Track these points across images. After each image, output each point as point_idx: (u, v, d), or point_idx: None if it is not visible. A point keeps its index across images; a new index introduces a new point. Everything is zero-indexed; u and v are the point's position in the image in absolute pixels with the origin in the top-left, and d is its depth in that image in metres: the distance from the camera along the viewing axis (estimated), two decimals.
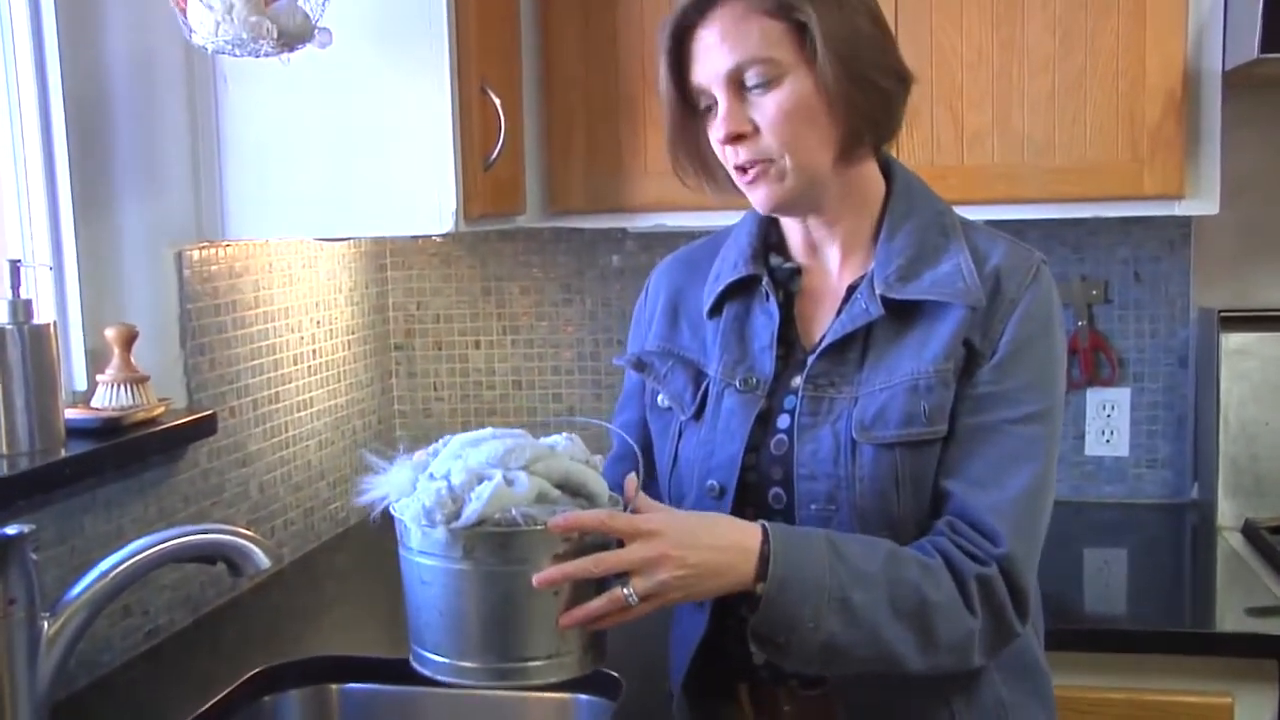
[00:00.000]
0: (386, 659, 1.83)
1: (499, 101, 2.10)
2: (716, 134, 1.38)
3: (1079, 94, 2.20)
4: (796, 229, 1.48)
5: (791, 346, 1.45)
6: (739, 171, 1.39)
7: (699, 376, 1.48)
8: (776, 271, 1.48)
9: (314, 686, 1.85)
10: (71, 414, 1.76)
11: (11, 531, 1.40)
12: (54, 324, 1.70)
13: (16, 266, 1.65)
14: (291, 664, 1.86)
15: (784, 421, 1.41)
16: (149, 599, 1.92)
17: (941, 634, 1.30)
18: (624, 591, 1.23)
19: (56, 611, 1.44)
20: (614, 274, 2.76)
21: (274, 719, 1.83)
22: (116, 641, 1.86)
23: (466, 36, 2.02)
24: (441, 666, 1.27)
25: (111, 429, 1.78)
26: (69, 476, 1.70)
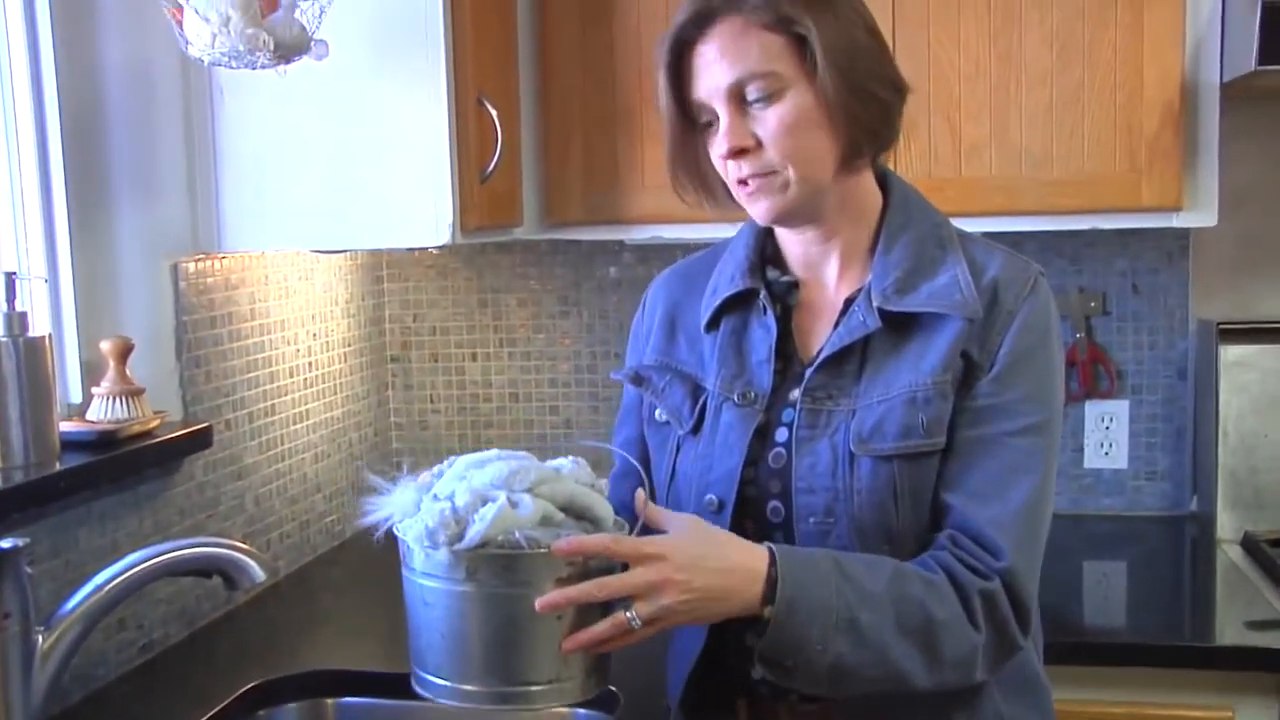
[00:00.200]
0: (383, 673, 1.82)
1: (496, 113, 2.10)
2: (718, 149, 1.38)
3: (1077, 106, 2.19)
4: (794, 242, 1.47)
5: (789, 360, 1.44)
6: (740, 185, 1.39)
7: (697, 390, 1.48)
8: (774, 285, 1.48)
9: (310, 700, 1.84)
10: (66, 427, 1.76)
11: (6, 545, 1.40)
12: (49, 336, 1.70)
13: (11, 279, 1.65)
14: (287, 678, 1.85)
15: (782, 435, 1.41)
16: (144, 613, 1.91)
17: (947, 651, 1.29)
18: (627, 615, 1.22)
19: (51, 625, 1.43)
20: (611, 286, 2.75)
21: None
22: (111, 656, 1.85)
23: (463, 48, 2.02)
24: (443, 689, 1.26)
25: (106, 442, 1.77)
26: (64, 490, 1.69)
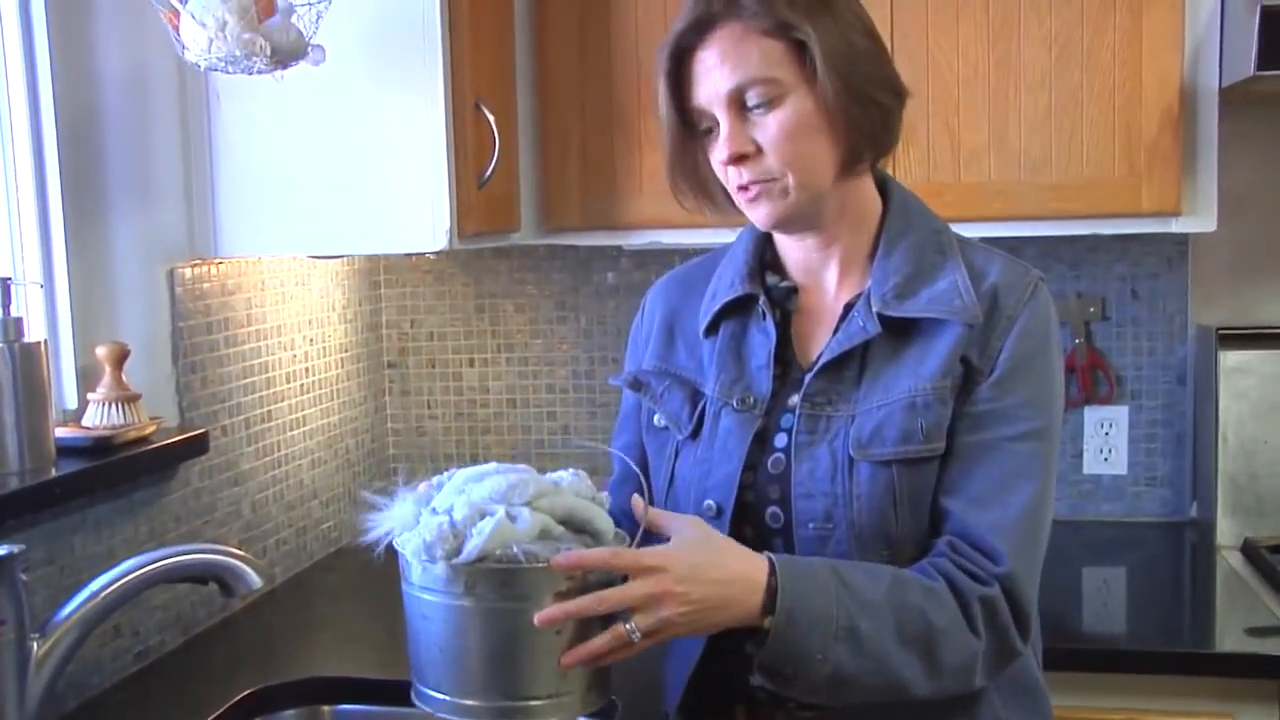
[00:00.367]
0: (380, 680, 1.82)
1: (493, 118, 2.09)
2: (719, 155, 1.37)
3: (1075, 111, 2.19)
4: (793, 247, 1.47)
5: (788, 365, 1.44)
6: (741, 191, 1.38)
7: (696, 396, 1.47)
8: (773, 290, 1.47)
9: (307, 708, 1.83)
10: (62, 433, 1.75)
11: (1, 552, 1.39)
12: (45, 342, 1.70)
13: (7, 284, 1.65)
14: (284, 685, 1.84)
15: (781, 440, 1.40)
16: (139, 620, 1.91)
17: (947, 658, 1.29)
18: (626, 627, 1.22)
19: (46, 633, 1.43)
20: (609, 291, 2.75)
21: None
22: (106, 663, 1.84)
23: (461, 53, 2.02)
24: (443, 704, 1.26)
25: (102, 448, 1.77)
26: (59, 496, 1.69)
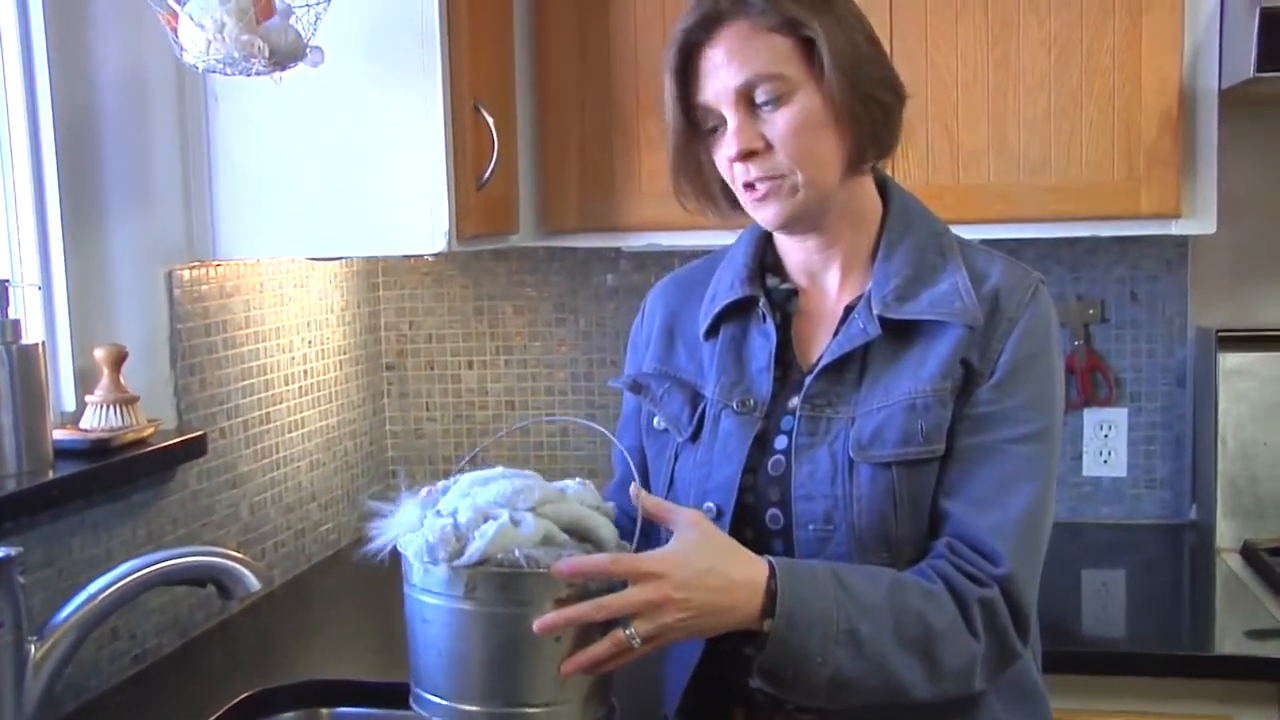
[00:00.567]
0: (378, 683, 1.81)
1: (492, 120, 2.09)
2: (727, 151, 1.37)
3: (1075, 113, 2.19)
4: (794, 249, 1.47)
5: (789, 367, 1.44)
6: (747, 189, 1.38)
7: (695, 398, 1.47)
8: (773, 292, 1.47)
9: (305, 710, 1.83)
10: (60, 435, 1.75)
11: None
12: (42, 344, 1.69)
13: (5, 286, 1.64)
14: (282, 688, 1.84)
15: (781, 442, 1.40)
16: (137, 622, 1.90)
17: (946, 661, 1.29)
18: (626, 633, 1.21)
19: (44, 635, 1.43)
20: (608, 293, 2.75)
21: None
22: (104, 666, 1.84)
23: (459, 55, 2.02)
24: (440, 709, 1.26)
25: (100, 450, 1.76)
26: (57, 498, 1.68)
